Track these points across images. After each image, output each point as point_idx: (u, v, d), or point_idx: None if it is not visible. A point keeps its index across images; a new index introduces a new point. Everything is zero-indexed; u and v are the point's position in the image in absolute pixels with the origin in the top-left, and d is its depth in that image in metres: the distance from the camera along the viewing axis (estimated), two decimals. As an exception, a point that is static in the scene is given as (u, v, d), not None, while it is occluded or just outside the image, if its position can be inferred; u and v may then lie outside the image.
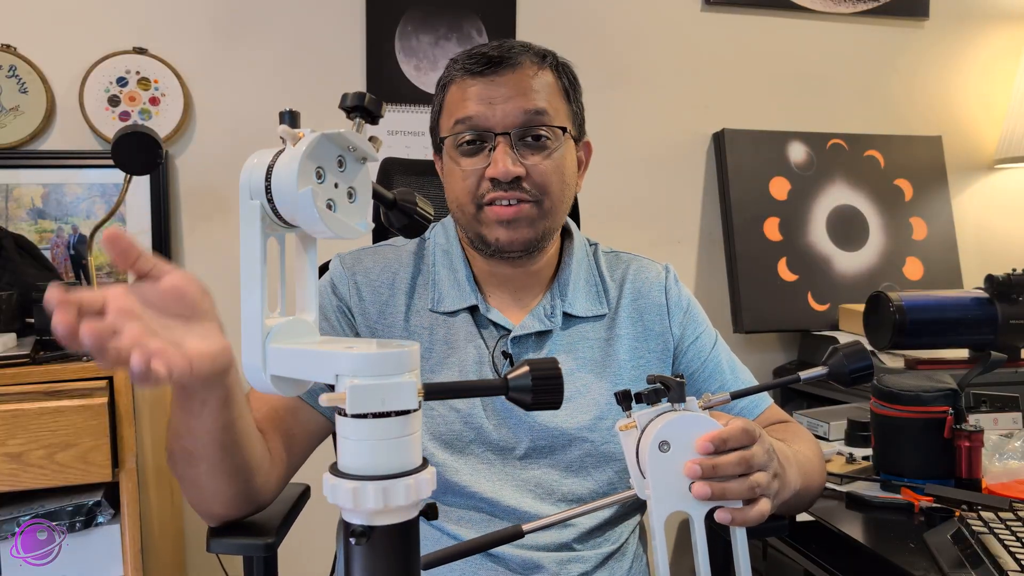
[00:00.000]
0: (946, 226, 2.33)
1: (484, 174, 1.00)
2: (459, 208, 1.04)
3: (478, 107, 1.00)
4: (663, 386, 0.77)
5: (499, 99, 1.00)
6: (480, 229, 1.03)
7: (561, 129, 1.03)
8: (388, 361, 0.55)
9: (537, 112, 1.00)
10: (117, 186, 1.81)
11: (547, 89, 1.03)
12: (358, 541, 0.54)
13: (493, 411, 1.02)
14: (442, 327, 1.05)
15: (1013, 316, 1.38)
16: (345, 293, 1.06)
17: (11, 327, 1.46)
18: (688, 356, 1.11)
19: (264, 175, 0.60)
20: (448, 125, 1.03)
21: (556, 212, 1.04)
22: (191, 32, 1.92)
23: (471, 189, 1.01)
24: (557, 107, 1.03)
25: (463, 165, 1.02)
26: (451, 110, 1.04)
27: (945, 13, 2.38)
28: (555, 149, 1.02)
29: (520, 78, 1.01)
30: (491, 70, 1.01)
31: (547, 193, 1.01)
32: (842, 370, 0.83)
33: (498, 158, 0.99)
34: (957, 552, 0.99)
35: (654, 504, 0.74)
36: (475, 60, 1.02)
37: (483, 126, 1.00)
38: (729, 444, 0.76)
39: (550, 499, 1.01)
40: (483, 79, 1.01)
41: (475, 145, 1.01)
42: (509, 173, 0.98)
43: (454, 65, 1.05)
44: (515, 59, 1.02)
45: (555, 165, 1.02)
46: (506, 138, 1.00)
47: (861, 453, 1.40)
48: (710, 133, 2.25)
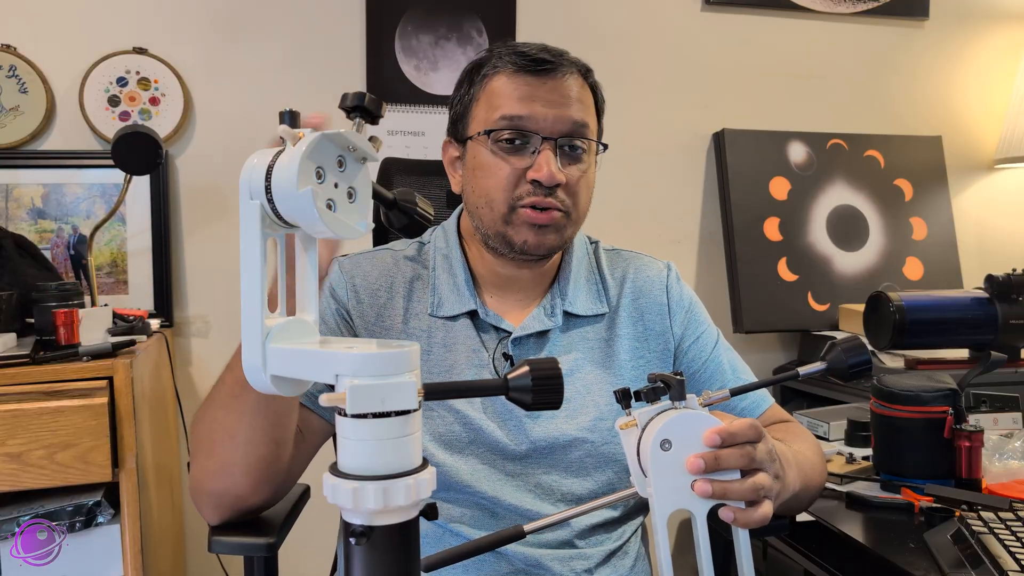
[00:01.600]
0: (946, 226, 2.33)
1: (525, 175, 1.00)
2: (488, 204, 1.02)
3: (529, 107, 0.99)
4: (663, 384, 0.77)
5: (550, 103, 1.00)
6: (507, 230, 1.01)
7: (598, 144, 1.05)
8: (388, 361, 0.55)
9: (583, 124, 1.01)
10: (117, 186, 1.81)
11: (589, 103, 1.05)
12: (358, 541, 0.54)
13: (493, 412, 1.02)
14: (441, 331, 1.05)
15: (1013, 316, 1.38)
16: (344, 297, 1.06)
17: (11, 327, 1.46)
18: (689, 355, 1.11)
19: (264, 175, 0.60)
20: (490, 118, 1.01)
21: (579, 224, 1.06)
22: (191, 32, 1.92)
23: (507, 187, 1.00)
24: (593, 123, 1.05)
25: (504, 162, 1.00)
26: (495, 103, 1.01)
27: (945, 13, 2.38)
28: (588, 163, 1.04)
29: (570, 86, 1.02)
30: (544, 72, 1.00)
31: (576, 205, 1.03)
32: (841, 365, 0.83)
33: (544, 161, 0.98)
34: (957, 552, 0.99)
35: (656, 502, 0.74)
36: (526, 58, 1.01)
37: (531, 128, 0.99)
38: (737, 439, 0.76)
39: (550, 499, 1.01)
40: (535, 78, 1.00)
41: (515, 144, 1.00)
42: (555, 178, 0.98)
43: (500, 57, 1.03)
44: (565, 67, 1.02)
45: (587, 180, 1.04)
46: (551, 143, 0.99)
47: (861, 453, 1.40)
48: (710, 133, 2.25)
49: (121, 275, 1.86)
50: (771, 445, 0.81)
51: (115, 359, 1.38)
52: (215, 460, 0.91)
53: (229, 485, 0.93)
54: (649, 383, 0.77)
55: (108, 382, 1.35)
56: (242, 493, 0.93)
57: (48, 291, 1.42)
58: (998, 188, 2.46)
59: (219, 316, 1.95)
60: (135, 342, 1.48)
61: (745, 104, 2.26)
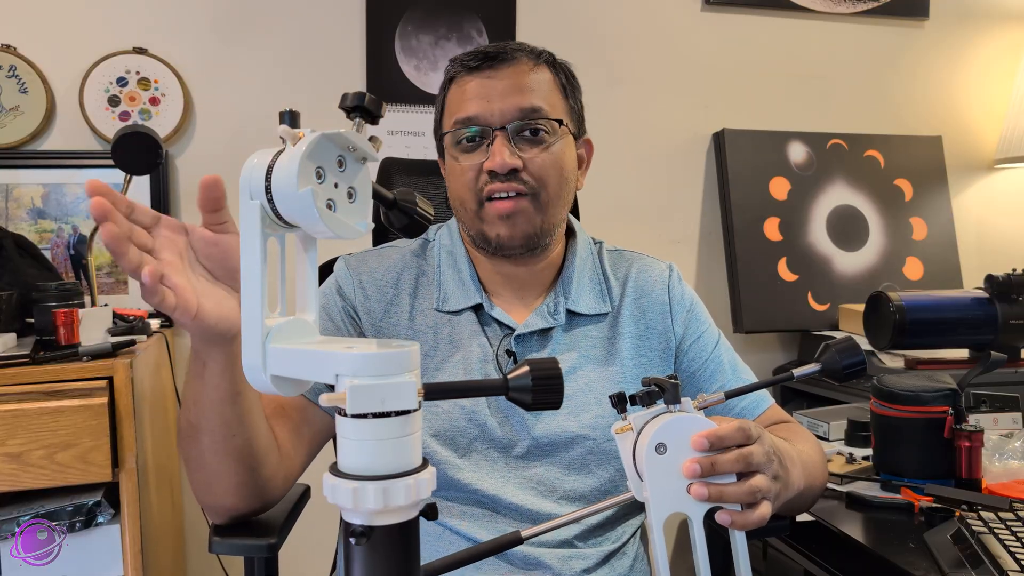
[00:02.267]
0: (946, 226, 2.33)
1: (483, 168, 1.01)
2: (461, 205, 1.05)
3: (476, 104, 1.02)
4: (658, 388, 0.76)
5: (496, 95, 1.01)
6: (482, 226, 1.03)
7: (558, 122, 1.04)
8: (388, 361, 0.55)
9: (533, 109, 1.02)
10: (117, 186, 1.81)
11: (544, 85, 1.04)
12: (358, 541, 0.54)
13: (497, 408, 1.03)
14: (446, 326, 1.06)
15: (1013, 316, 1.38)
16: (350, 293, 1.07)
17: (11, 327, 1.46)
18: (690, 355, 1.11)
19: (264, 175, 0.60)
20: (448, 123, 1.05)
21: (554, 206, 1.04)
22: (191, 32, 1.92)
23: (471, 184, 1.02)
24: (554, 103, 1.05)
25: (462, 161, 1.03)
26: (451, 109, 1.05)
27: (945, 13, 2.38)
28: (553, 143, 1.03)
29: (517, 74, 1.03)
30: (488, 65, 1.03)
31: (544, 186, 1.02)
32: (835, 366, 0.83)
33: (495, 150, 1.00)
34: (957, 552, 0.99)
35: (652, 506, 0.74)
36: (472, 57, 1.04)
37: (481, 122, 1.01)
38: (725, 442, 0.76)
39: (552, 496, 1.02)
40: (480, 75, 1.03)
41: (474, 142, 1.03)
42: (506, 165, 0.99)
43: (453, 64, 1.07)
44: (512, 55, 1.03)
45: (553, 158, 1.03)
46: (503, 132, 1.01)
47: (861, 453, 1.40)
48: (710, 133, 2.25)
49: (121, 275, 1.86)
50: (769, 446, 0.81)
51: (115, 359, 1.38)
52: (197, 480, 0.93)
53: (216, 501, 0.94)
54: (644, 387, 0.77)
55: (108, 382, 1.35)
56: (231, 506, 0.95)
57: (48, 291, 1.42)
58: (998, 188, 2.46)
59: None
60: (135, 342, 1.47)
61: (745, 104, 2.26)
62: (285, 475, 0.98)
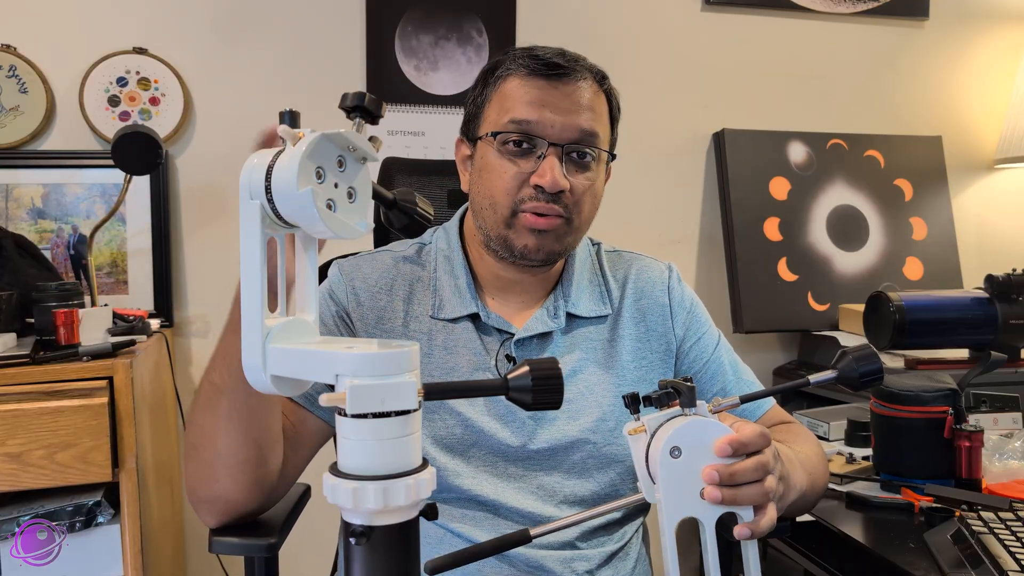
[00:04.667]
0: (946, 226, 2.33)
1: (529, 179, 0.99)
2: (491, 205, 1.02)
3: (539, 112, 0.99)
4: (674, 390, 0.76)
5: (560, 109, 0.99)
6: (508, 233, 1.01)
7: (608, 153, 1.04)
8: (388, 361, 0.55)
9: (592, 133, 1.01)
10: (117, 186, 1.81)
11: (602, 110, 1.04)
12: (358, 541, 0.54)
13: (495, 414, 1.02)
14: (442, 333, 1.05)
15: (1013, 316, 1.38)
16: (343, 299, 1.06)
17: (11, 327, 1.46)
18: (690, 356, 1.11)
19: (264, 175, 0.60)
20: (500, 120, 1.01)
21: (581, 231, 1.05)
22: (191, 32, 1.92)
23: (511, 190, 1.00)
24: (604, 131, 1.04)
25: (510, 164, 1.00)
26: (507, 105, 1.01)
27: (945, 13, 2.38)
28: (596, 172, 1.03)
29: (583, 93, 1.01)
30: (556, 76, 1.00)
31: (579, 212, 1.02)
32: (852, 374, 0.82)
33: (548, 167, 0.98)
34: (957, 552, 0.99)
35: (665, 511, 0.73)
36: (541, 61, 1.00)
37: (538, 132, 0.99)
38: (749, 448, 0.75)
39: (552, 501, 1.01)
40: (547, 83, 1.00)
41: (522, 148, 1.00)
42: (557, 185, 0.98)
43: (514, 60, 1.03)
44: (581, 72, 1.02)
45: (592, 188, 1.03)
46: (557, 149, 0.99)
47: (861, 453, 1.40)
48: (710, 133, 2.25)
49: (121, 275, 1.86)
50: (774, 447, 0.81)
51: (115, 359, 1.38)
52: (200, 465, 0.91)
53: (218, 490, 0.92)
54: (660, 389, 0.76)
55: (108, 382, 1.35)
56: (231, 497, 0.92)
57: (48, 291, 1.42)
58: (998, 188, 2.46)
59: (219, 316, 1.94)
60: (135, 342, 1.48)
61: (745, 104, 2.26)
62: (286, 473, 0.98)
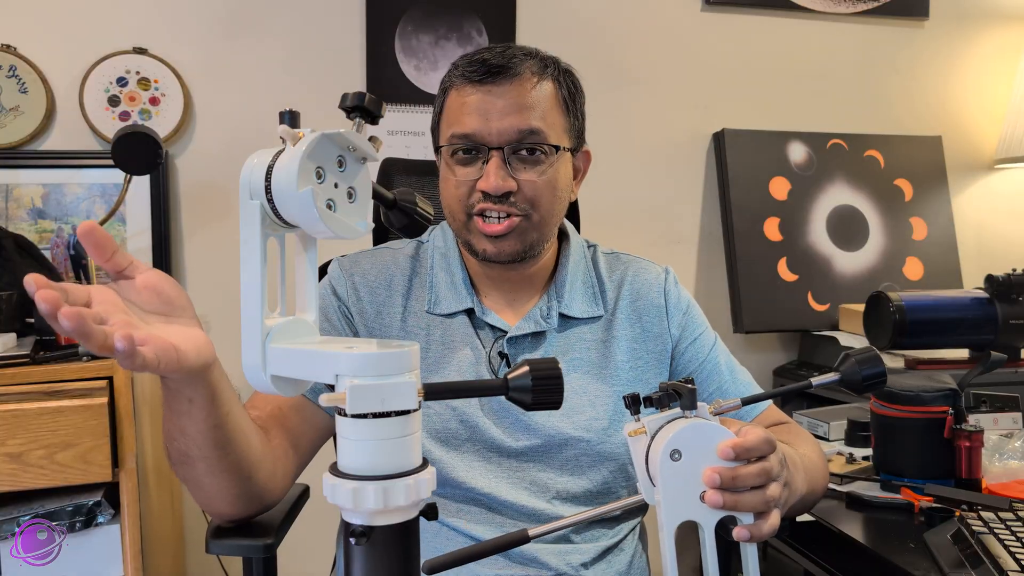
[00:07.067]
0: (946, 226, 2.33)
1: (476, 185, 1.00)
2: (451, 215, 1.05)
3: (474, 122, 1.00)
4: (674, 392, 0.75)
5: (495, 113, 0.99)
6: (469, 238, 1.03)
7: (554, 148, 1.02)
8: (388, 361, 0.55)
9: (532, 131, 1.00)
10: (117, 186, 1.81)
11: (545, 103, 1.02)
12: (358, 541, 0.54)
13: (490, 410, 1.03)
14: (439, 328, 1.06)
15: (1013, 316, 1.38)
16: (344, 294, 1.07)
17: (11, 327, 1.46)
18: (686, 357, 1.11)
19: (264, 175, 0.60)
20: (446, 133, 1.04)
21: (546, 224, 1.04)
22: (191, 32, 1.92)
23: (462, 198, 1.02)
24: (554, 121, 1.02)
25: (457, 174, 1.02)
26: (449, 119, 1.03)
27: (945, 13, 2.38)
28: (549, 165, 1.02)
29: (519, 91, 1.00)
30: (490, 79, 1.00)
31: (537, 207, 1.02)
32: (855, 377, 0.82)
33: (490, 172, 0.99)
34: (957, 552, 0.99)
35: (665, 513, 0.72)
36: (475, 67, 1.01)
37: (479, 140, 1.00)
38: (752, 453, 0.75)
39: (544, 496, 1.02)
40: (481, 88, 1.00)
41: (470, 155, 1.01)
42: (499, 188, 0.99)
43: (455, 70, 1.04)
44: (515, 68, 1.00)
45: (547, 181, 1.02)
46: (499, 152, 1.00)
47: (861, 453, 1.40)
48: (710, 133, 2.25)
49: (121, 275, 1.86)
50: (782, 454, 0.80)
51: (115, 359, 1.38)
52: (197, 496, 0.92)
53: (217, 511, 0.95)
54: (661, 390, 0.75)
55: (108, 382, 1.35)
56: (229, 514, 0.95)
57: (48, 291, 1.41)
58: (998, 188, 2.46)
59: (219, 316, 1.95)
60: (135, 342, 1.47)
61: (745, 104, 2.26)
62: (283, 477, 0.98)
